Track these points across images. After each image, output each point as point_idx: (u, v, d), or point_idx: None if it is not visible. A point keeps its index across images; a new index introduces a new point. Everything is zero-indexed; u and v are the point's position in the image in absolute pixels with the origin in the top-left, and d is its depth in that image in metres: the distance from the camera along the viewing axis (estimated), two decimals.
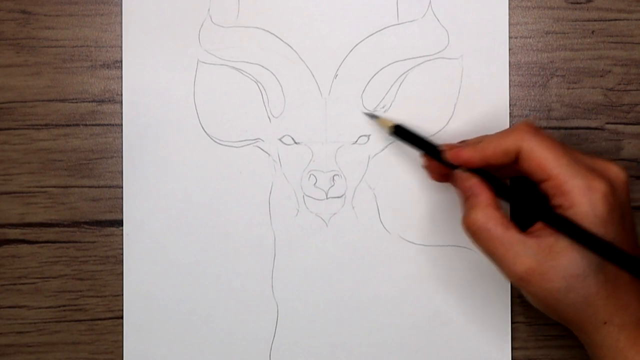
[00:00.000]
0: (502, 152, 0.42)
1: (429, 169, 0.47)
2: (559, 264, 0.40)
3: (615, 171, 0.42)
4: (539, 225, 0.42)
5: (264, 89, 0.50)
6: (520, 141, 0.42)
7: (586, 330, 0.42)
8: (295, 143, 0.50)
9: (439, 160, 0.45)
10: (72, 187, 0.50)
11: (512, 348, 0.50)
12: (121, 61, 0.50)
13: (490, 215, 0.41)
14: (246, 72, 0.50)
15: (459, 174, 0.43)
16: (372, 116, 0.49)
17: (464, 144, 0.45)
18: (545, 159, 0.41)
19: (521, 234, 0.41)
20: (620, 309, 0.41)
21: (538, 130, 0.42)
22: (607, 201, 0.40)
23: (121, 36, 0.50)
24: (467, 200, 0.43)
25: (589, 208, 0.40)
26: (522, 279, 0.41)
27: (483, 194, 0.42)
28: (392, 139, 0.49)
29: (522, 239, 0.41)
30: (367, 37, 0.49)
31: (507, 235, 0.41)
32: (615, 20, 0.50)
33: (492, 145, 0.42)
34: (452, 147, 0.44)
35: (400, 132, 0.47)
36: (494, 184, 0.43)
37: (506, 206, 0.43)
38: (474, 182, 0.43)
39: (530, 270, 0.40)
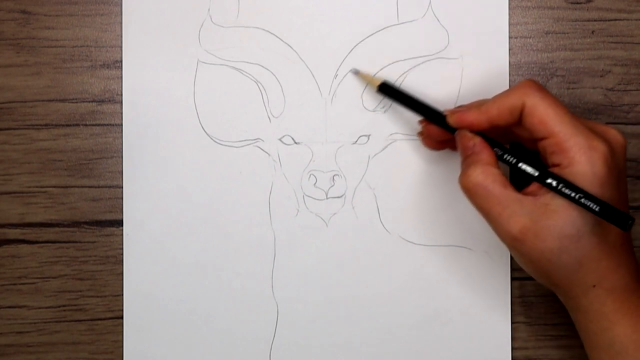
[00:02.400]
0: (507, 110, 0.42)
1: (425, 134, 0.47)
2: (554, 223, 0.40)
3: (615, 134, 0.42)
4: (536, 185, 0.41)
5: (264, 89, 0.50)
6: (524, 96, 0.41)
7: (574, 294, 0.42)
8: (295, 143, 0.50)
9: (438, 124, 0.45)
10: (72, 187, 0.50)
11: (512, 348, 0.50)
12: (121, 61, 0.50)
13: (489, 172, 0.41)
14: (246, 72, 0.50)
15: (463, 132, 0.43)
16: (356, 72, 0.49)
17: (465, 107, 0.44)
18: (548, 115, 0.41)
19: (518, 193, 0.41)
20: (611, 272, 0.41)
21: (542, 88, 0.42)
22: (606, 162, 0.40)
23: (121, 36, 0.50)
24: (467, 158, 0.43)
25: (587, 167, 0.40)
26: (515, 238, 0.40)
27: (484, 152, 0.42)
28: (392, 139, 0.49)
29: (518, 197, 0.41)
30: (367, 37, 0.49)
31: (504, 193, 0.41)
32: (615, 20, 0.50)
33: (497, 105, 0.42)
34: (454, 111, 0.44)
35: (388, 90, 0.47)
36: (495, 147, 0.43)
37: (505, 170, 0.43)
38: (477, 141, 0.43)
39: (524, 229, 0.40)
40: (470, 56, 0.49)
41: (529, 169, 0.42)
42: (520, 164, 0.42)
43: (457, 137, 0.44)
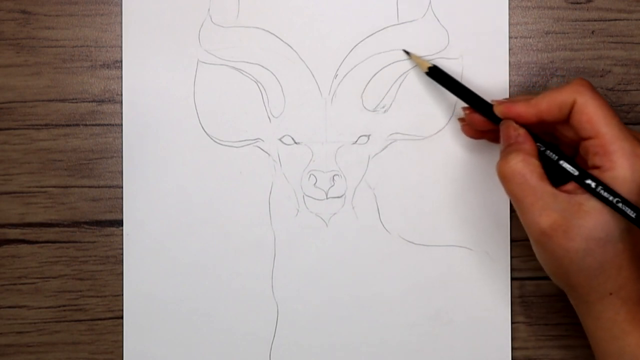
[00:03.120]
0: (557, 106, 0.42)
1: (467, 122, 0.47)
2: (584, 223, 0.40)
3: None
4: (573, 185, 0.41)
5: (264, 89, 0.50)
6: (576, 93, 0.42)
7: (589, 299, 0.41)
8: (295, 143, 0.50)
9: (483, 113, 0.45)
10: (72, 187, 0.50)
11: (512, 348, 0.50)
12: (121, 61, 0.50)
13: (529, 162, 0.41)
14: (246, 72, 0.50)
15: (509, 122, 0.43)
16: (407, 53, 0.49)
17: (512, 99, 0.45)
18: (597, 115, 0.41)
19: (552, 187, 0.41)
20: (630, 282, 0.41)
21: (593, 88, 0.42)
22: None
23: (121, 36, 0.50)
24: (509, 147, 0.43)
25: (628, 172, 0.40)
26: (544, 232, 0.40)
27: (527, 143, 0.42)
28: (392, 139, 0.49)
29: (554, 192, 0.41)
30: (367, 37, 0.49)
31: (541, 185, 0.41)
32: (615, 20, 0.50)
33: (547, 99, 0.42)
34: (502, 101, 0.44)
35: (437, 75, 0.47)
36: (537, 142, 0.43)
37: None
38: (521, 132, 0.43)
39: (554, 224, 0.40)
40: (470, 56, 0.49)
41: (569, 167, 0.42)
42: (561, 162, 0.42)
43: (502, 126, 0.44)
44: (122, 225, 0.50)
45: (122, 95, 0.50)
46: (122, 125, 0.50)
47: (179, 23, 0.50)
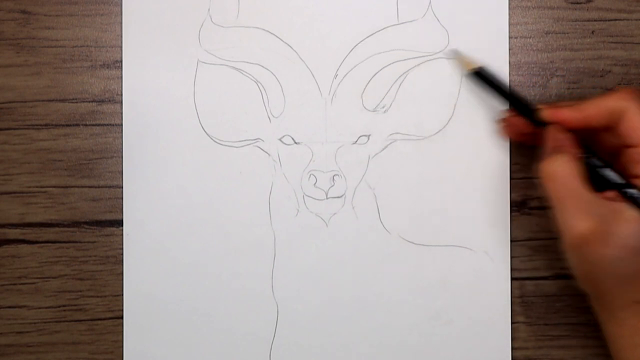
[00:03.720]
0: (606, 112, 0.42)
1: (508, 123, 0.47)
2: (622, 230, 0.40)
3: None
4: (613, 193, 0.42)
5: (264, 89, 0.50)
6: (624, 101, 0.42)
7: (614, 306, 0.41)
8: (295, 143, 0.50)
9: (527, 116, 0.45)
10: (72, 187, 0.50)
11: (512, 348, 0.50)
12: (121, 61, 0.50)
13: (573, 165, 0.42)
14: (246, 72, 0.50)
15: (555, 128, 0.43)
16: (455, 52, 0.49)
17: (558, 105, 0.45)
18: None
19: (594, 192, 0.41)
20: None
21: None
22: None
23: (121, 36, 0.50)
24: (555, 149, 0.43)
25: None
26: (581, 236, 0.40)
27: (573, 148, 0.43)
28: (392, 139, 0.49)
29: (594, 197, 0.41)
30: (367, 37, 0.49)
31: (582, 189, 0.41)
32: (615, 20, 0.50)
33: (594, 105, 0.43)
34: (548, 106, 0.45)
35: (481, 77, 0.48)
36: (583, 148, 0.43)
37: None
38: (568, 136, 0.43)
39: (592, 229, 0.40)
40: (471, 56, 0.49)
41: (612, 175, 0.42)
42: (604, 169, 0.42)
43: (549, 130, 0.44)
44: (122, 225, 0.50)
45: (122, 95, 0.50)
46: (122, 125, 0.50)
47: (179, 23, 0.50)
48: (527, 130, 0.46)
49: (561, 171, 0.41)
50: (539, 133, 0.45)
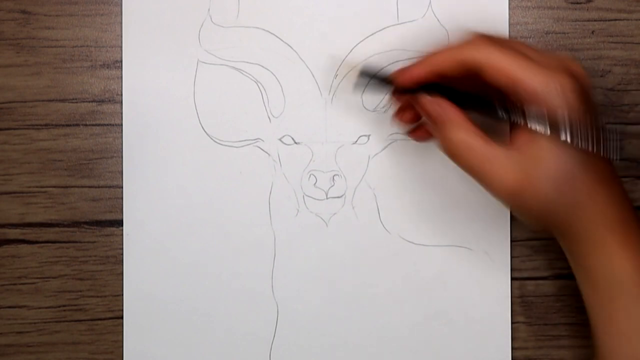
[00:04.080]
0: (459, 64, 0.41)
1: (398, 118, 0.46)
2: (546, 171, 0.40)
3: (576, 66, 0.41)
4: (517, 137, 0.41)
5: (264, 89, 0.50)
6: (476, 51, 0.41)
7: (574, 232, 0.41)
8: (295, 143, 0.50)
9: (401, 93, 0.44)
10: (72, 187, 0.50)
11: (512, 348, 0.50)
12: (121, 61, 0.50)
13: (469, 130, 0.41)
14: (246, 72, 0.50)
15: (423, 98, 0.42)
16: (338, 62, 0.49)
17: (408, 66, 0.43)
18: (509, 64, 0.40)
19: (502, 146, 0.40)
20: (608, 207, 0.41)
21: (492, 39, 0.41)
22: (574, 91, 0.39)
23: (121, 36, 0.50)
24: (440, 123, 0.42)
25: (562, 101, 0.40)
26: (512, 193, 0.40)
27: (455, 112, 0.41)
28: (392, 138, 0.50)
29: (505, 151, 0.40)
30: (367, 37, 0.49)
31: (490, 149, 0.40)
32: (615, 20, 0.50)
33: (444, 56, 0.42)
34: (400, 70, 0.43)
35: (367, 75, 0.46)
36: (459, 98, 0.42)
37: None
38: (441, 103, 0.42)
39: (518, 182, 0.40)
40: None
41: (537, 126, 0.40)
42: (500, 113, 0.41)
43: (419, 106, 0.43)
44: (122, 225, 0.50)
45: (122, 95, 0.50)
46: (122, 125, 0.50)
47: (179, 23, 0.50)
48: (416, 117, 0.45)
49: (462, 140, 0.41)
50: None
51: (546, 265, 0.50)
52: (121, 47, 0.50)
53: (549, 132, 0.39)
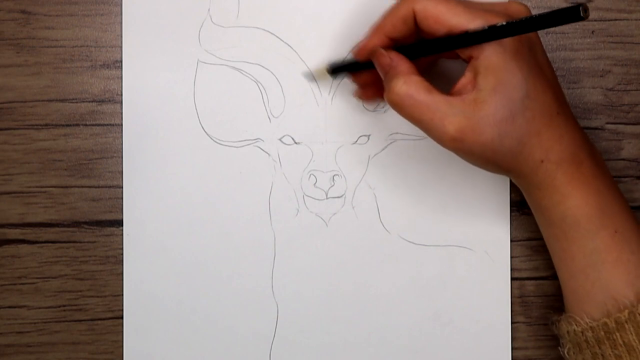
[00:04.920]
0: (400, 21, 0.42)
1: (362, 96, 0.48)
2: (486, 113, 0.40)
3: (516, 7, 0.42)
4: (459, 84, 0.41)
5: (264, 89, 0.50)
6: (412, 3, 0.42)
7: (525, 173, 0.42)
8: (295, 143, 0.50)
9: (358, 69, 0.45)
10: (72, 187, 0.50)
11: (512, 348, 0.50)
12: (121, 61, 0.50)
13: (411, 81, 0.41)
14: (246, 72, 0.50)
15: (378, 52, 0.43)
16: (310, 75, 0.49)
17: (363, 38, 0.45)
18: (441, 13, 0.41)
19: (444, 95, 0.41)
20: (555, 143, 0.41)
21: None
22: (513, 37, 0.40)
23: (121, 36, 0.50)
24: (387, 75, 0.42)
25: (496, 43, 0.40)
26: (455, 138, 0.40)
27: (402, 64, 0.42)
28: (392, 138, 0.50)
29: (446, 99, 0.41)
30: None
31: (431, 98, 0.41)
32: (615, 20, 0.50)
33: (387, 18, 0.43)
34: (356, 46, 0.44)
35: (339, 69, 0.48)
36: (409, 51, 0.43)
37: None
38: (392, 56, 0.42)
39: (460, 127, 0.40)
40: None
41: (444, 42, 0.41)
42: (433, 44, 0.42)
43: (373, 59, 0.43)
44: (122, 225, 0.50)
45: (122, 95, 0.50)
46: (122, 125, 0.50)
47: (179, 23, 0.50)
48: (373, 78, 0.46)
49: (404, 92, 0.41)
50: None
51: (546, 265, 0.50)
52: (121, 47, 0.50)
53: (504, 32, 0.39)
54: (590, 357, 0.42)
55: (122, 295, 0.50)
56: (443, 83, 0.43)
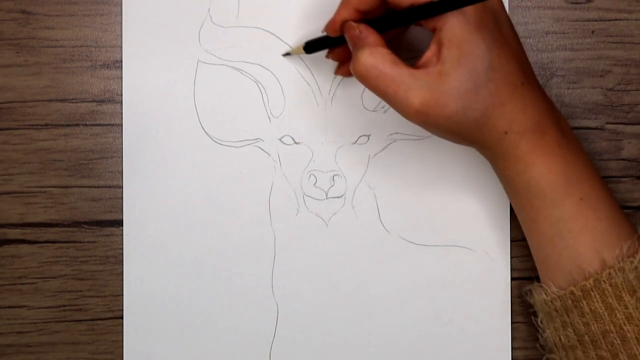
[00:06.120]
0: None
1: (341, 70, 0.48)
2: (450, 86, 0.40)
3: None
4: (424, 57, 0.41)
5: (264, 89, 0.50)
6: None
7: (489, 144, 0.42)
8: (295, 143, 0.50)
9: (332, 45, 0.46)
10: (72, 187, 0.50)
11: (512, 348, 0.50)
12: (121, 61, 0.50)
13: (377, 53, 0.41)
14: (246, 72, 0.50)
15: (347, 25, 0.43)
16: (287, 54, 0.49)
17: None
18: None
19: (409, 67, 0.41)
20: (518, 114, 0.41)
21: None
22: (476, 7, 0.40)
23: (121, 36, 0.50)
24: (354, 47, 0.42)
25: (459, 14, 0.40)
26: (419, 111, 0.41)
27: (370, 36, 0.42)
28: (392, 138, 0.50)
29: (411, 72, 0.41)
30: None
31: (396, 71, 0.41)
32: (615, 20, 0.50)
33: None
34: (328, 23, 0.45)
35: (312, 47, 0.47)
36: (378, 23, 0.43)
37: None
38: (361, 28, 0.42)
39: (425, 100, 0.40)
40: None
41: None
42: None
43: (344, 33, 0.43)
44: (122, 225, 0.50)
45: (122, 95, 0.50)
46: (122, 125, 0.50)
47: (179, 23, 0.50)
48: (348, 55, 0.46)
49: (370, 63, 0.41)
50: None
51: None
52: (121, 47, 0.50)
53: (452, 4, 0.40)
54: (560, 326, 0.43)
55: (122, 295, 0.50)
56: (417, 56, 0.43)
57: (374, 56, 0.41)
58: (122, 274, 0.50)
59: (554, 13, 0.50)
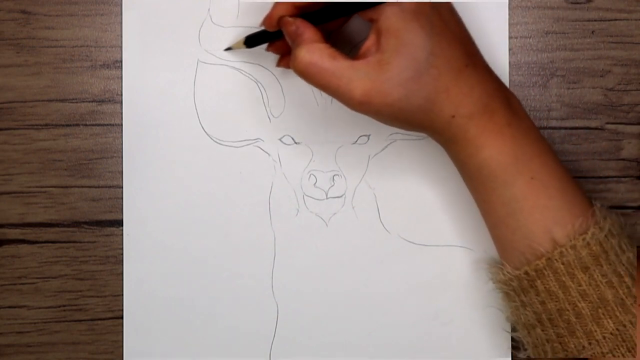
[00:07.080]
0: None
1: (283, 63, 0.47)
2: (390, 74, 0.40)
3: None
4: (363, 47, 0.41)
5: (264, 89, 0.50)
6: None
7: (438, 129, 0.42)
8: (295, 143, 0.50)
9: (270, 39, 0.46)
10: (72, 187, 0.50)
11: (512, 348, 0.50)
12: (121, 61, 0.50)
13: (314, 49, 0.41)
14: (246, 72, 0.50)
15: (284, 20, 0.43)
16: (229, 49, 0.49)
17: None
18: None
19: (349, 59, 0.41)
20: (464, 97, 0.41)
21: None
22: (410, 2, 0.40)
23: (121, 36, 0.50)
24: (293, 42, 0.42)
25: (394, 4, 0.40)
26: (362, 102, 0.41)
27: (307, 32, 0.42)
28: (392, 139, 0.50)
29: (350, 64, 0.41)
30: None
31: (335, 64, 0.41)
32: (615, 20, 0.50)
33: None
34: (265, 17, 0.44)
35: (253, 41, 0.47)
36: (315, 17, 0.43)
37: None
38: (298, 23, 0.42)
39: (366, 91, 0.40)
40: None
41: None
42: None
43: (282, 28, 0.43)
44: (122, 225, 0.50)
45: (122, 95, 0.50)
46: (122, 125, 0.50)
47: (179, 23, 0.50)
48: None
49: (307, 60, 0.41)
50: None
51: None
52: (121, 47, 0.50)
53: None
54: (520, 305, 0.43)
55: (122, 295, 0.50)
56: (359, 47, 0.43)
57: (312, 53, 0.41)
58: (122, 274, 0.50)
59: (554, 13, 0.50)
